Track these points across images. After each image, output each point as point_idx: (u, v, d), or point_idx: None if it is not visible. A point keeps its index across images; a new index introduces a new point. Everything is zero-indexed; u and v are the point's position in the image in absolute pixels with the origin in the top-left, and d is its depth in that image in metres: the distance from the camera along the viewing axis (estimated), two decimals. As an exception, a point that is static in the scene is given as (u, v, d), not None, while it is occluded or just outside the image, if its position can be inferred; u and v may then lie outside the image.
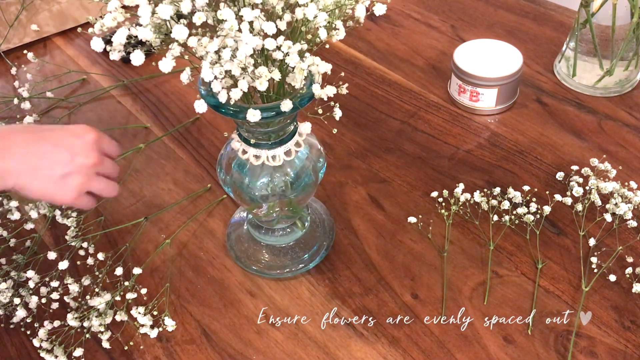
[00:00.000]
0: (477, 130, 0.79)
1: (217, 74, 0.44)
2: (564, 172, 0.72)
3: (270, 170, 0.57)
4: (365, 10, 0.49)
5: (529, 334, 0.58)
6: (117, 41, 0.44)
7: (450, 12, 1.00)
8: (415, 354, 0.58)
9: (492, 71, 0.78)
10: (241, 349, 0.60)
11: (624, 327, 0.58)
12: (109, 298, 0.61)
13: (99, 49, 0.46)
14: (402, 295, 0.62)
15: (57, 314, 0.63)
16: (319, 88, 0.48)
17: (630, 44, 0.78)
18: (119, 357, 0.60)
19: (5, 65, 0.96)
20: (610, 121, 0.79)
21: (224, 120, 0.83)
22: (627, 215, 0.65)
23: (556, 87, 0.85)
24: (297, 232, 0.67)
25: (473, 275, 0.64)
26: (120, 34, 0.44)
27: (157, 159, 0.80)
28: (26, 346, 0.61)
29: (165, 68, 0.44)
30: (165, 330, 0.61)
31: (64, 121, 0.86)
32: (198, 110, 0.47)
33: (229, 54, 0.43)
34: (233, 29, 0.42)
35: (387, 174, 0.75)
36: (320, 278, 0.65)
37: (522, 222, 0.67)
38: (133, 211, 0.73)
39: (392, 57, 0.92)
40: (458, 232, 0.68)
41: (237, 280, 0.65)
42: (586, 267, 0.63)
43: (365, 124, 0.82)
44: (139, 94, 0.90)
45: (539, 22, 0.96)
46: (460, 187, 0.70)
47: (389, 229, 0.69)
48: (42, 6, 0.99)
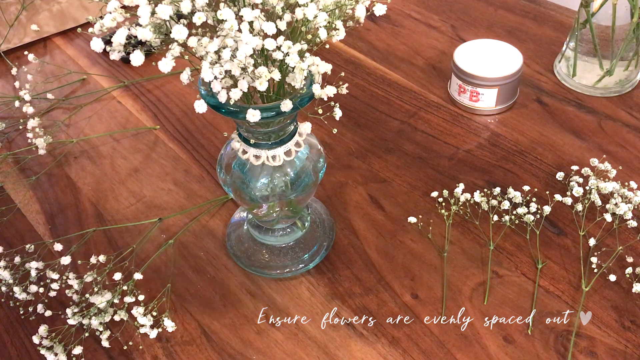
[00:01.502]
0: (477, 130, 0.79)
1: (217, 74, 0.44)
2: (564, 172, 0.72)
3: (270, 170, 0.57)
4: (365, 11, 0.49)
5: (529, 334, 0.58)
6: (117, 41, 0.44)
7: (450, 12, 1.00)
8: (415, 354, 0.58)
9: (492, 71, 0.78)
10: (241, 349, 0.60)
11: (624, 327, 0.58)
12: (110, 297, 0.61)
13: (98, 49, 0.46)
14: (402, 295, 0.62)
15: (56, 308, 0.63)
16: (319, 88, 0.48)
17: (630, 44, 0.78)
18: (118, 356, 0.60)
19: (5, 65, 0.96)
20: (610, 121, 0.79)
21: (224, 120, 0.83)
22: (627, 215, 0.65)
23: (556, 87, 0.85)
24: (297, 232, 0.67)
25: (473, 275, 0.64)
26: (120, 34, 0.44)
27: (157, 159, 0.80)
28: (26, 346, 0.61)
29: (164, 68, 0.44)
30: (165, 330, 0.61)
31: (65, 122, 0.86)
32: (198, 110, 0.47)
33: (229, 54, 0.43)
34: (233, 29, 0.42)
35: (387, 174, 0.75)
36: (320, 278, 0.65)
37: (522, 222, 0.67)
38: (133, 211, 0.73)
39: (392, 57, 0.92)
40: (458, 232, 0.68)
41: (237, 280, 0.65)
42: (586, 267, 0.63)
43: (365, 124, 0.82)
44: (139, 95, 0.90)
45: (539, 22, 0.96)
46: (460, 187, 0.70)
47: (389, 229, 0.69)
48: (42, 6, 0.99)
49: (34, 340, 0.60)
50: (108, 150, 0.82)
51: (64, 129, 0.85)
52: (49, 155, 0.81)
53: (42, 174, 0.79)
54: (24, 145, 0.83)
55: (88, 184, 0.77)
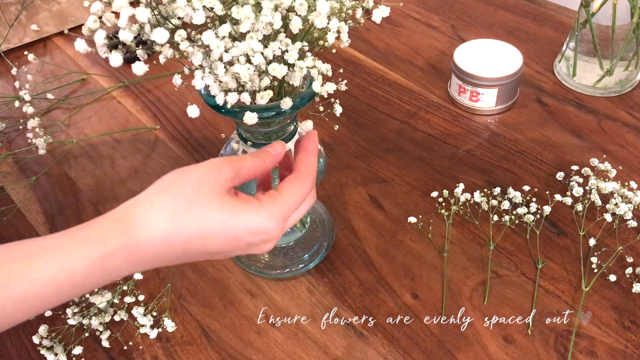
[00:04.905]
0: (477, 130, 0.79)
1: (211, 83, 0.44)
2: (564, 172, 0.72)
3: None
4: (380, 15, 0.49)
5: (529, 334, 0.58)
6: (98, 41, 0.43)
7: (450, 12, 1.00)
8: (415, 354, 0.58)
9: (492, 71, 0.78)
10: (241, 349, 0.60)
11: (624, 327, 0.58)
12: (110, 297, 0.61)
13: (82, 50, 0.45)
14: (402, 295, 0.62)
15: (56, 308, 0.63)
16: (319, 85, 0.48)
17: (630, 44, 0.78)
18: (118, 356, 0.60)
19: (5, 65, 0.96)
20: (610, 121, 0.79)
21: (224, 120, 0.83)
22: (627, 215, 0.65)
23: (556, 87, 0.85)
24: (297, 232, 0.67)
25: (473, 275, 0.64)
26: (100, 34, 0.43)
27: (157, 159, 0.80)
28: (26, 345, 0.61)
29: (140, 71, 0.44)
30: (165, 330, 0.61)
31: (65, 122, 0.86)
32: (191, 114, 0.47)
33: (222, 69, 0.43)
34: (219, 48, 0.43)
35: (387, 174, 0.75)
36: (320, 278, 0.65)
37: (522, 222, 0.67)
38: (133, 211, 0.73)
39: (392, 57, 0.92)
40: (458, 232, 0.68)
41: (237, 280, 0.65)
42: (586, 267, 0.63)
43: (365, 124, 0.82)
44: (139, 95, 0.90)
45: (539, 22, 0.96)
46: (460, 187, 0.70)
47: (389, 229, 0.69)
48: (42, 6, 0.99)
49: (34, 340, 0.60)
50: (108, 150, 0.82)
51: (64, 129, 0.85)
52: (49, 155, 0.81)
53: (42, 174, 0.79)
54: (24, 145, 0.83)
55: (88, 184, 0.77)
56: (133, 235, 0.40)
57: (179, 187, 0.41)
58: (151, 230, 0.40)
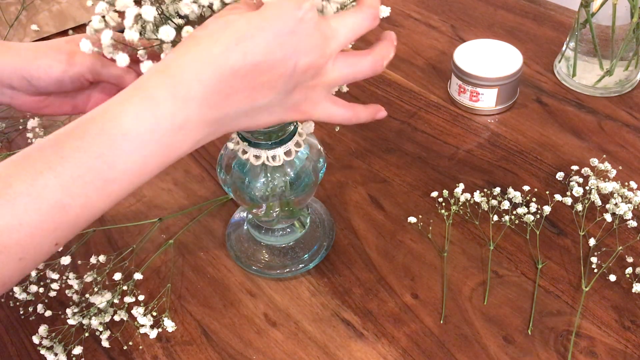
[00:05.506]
0: (477, 130, 0.79)
1: None
2: (564, 172, 0.72)
3: (270, 171, 0.57)
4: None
5: (529, 334, 0.58)
6: (105, 41, 0.44)
7: (450, 12, 1.00)
8: (415, 354, 0.58)
9: (492, 71, 0.78)
10: (241, 349, 0.60)
11: (624, 327, 0.58)
12: (110, 297, 0.61)
13: (87, 50, 0.46)
14: (402, 295, 0.62)
15: (56, 308, 0.63)
16: None
17: (630, 44, 0.78)
18: (118, 356, 0.60)
19: (5, 65, 0.96)
20: (610, 121, 0.79)
21: (224, 120, 0.83)
22: (627, 215, 0.65)
23: (556, 87, 0.85)
24: (297, 232, 0.67)
25: (473, 275, 0.64)
26: (106, 34, 0.43)
27: (157, 159, 0.80)
28: (26, 345, 0.61)
29: (145, 69, 0.45)
30: (165, 330, 0.61)
31: (66, 123, 0.86)
32: None
33: None
34: None
35: (387, 174, 0.75)
36: (320, 278, 0.65)
37: (522, 222, 0.67)
38: (133, 211, 0.73)
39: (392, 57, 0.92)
40: (458, 232, 0.68)
41: (237, 280, 0.65)
42: (586, 267, 0.63)
43: (365, 124, 0.81)
44: (139, 94, 0.90)
45: (539, 22, 0.96)
46: (460, 187, 0.70)
47: (389, 229, 0.69)
48: (42, 6, 0.99)
49: (34, 340, 0.60)
50: (108, 150, 0.81)
51: (64, 129, 0.85)
52: (49, 155, 0.81)
53: (42, 174, 0.79)
54: (24, 145, 0.83)
55: (88, 184, 0.77)
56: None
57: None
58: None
